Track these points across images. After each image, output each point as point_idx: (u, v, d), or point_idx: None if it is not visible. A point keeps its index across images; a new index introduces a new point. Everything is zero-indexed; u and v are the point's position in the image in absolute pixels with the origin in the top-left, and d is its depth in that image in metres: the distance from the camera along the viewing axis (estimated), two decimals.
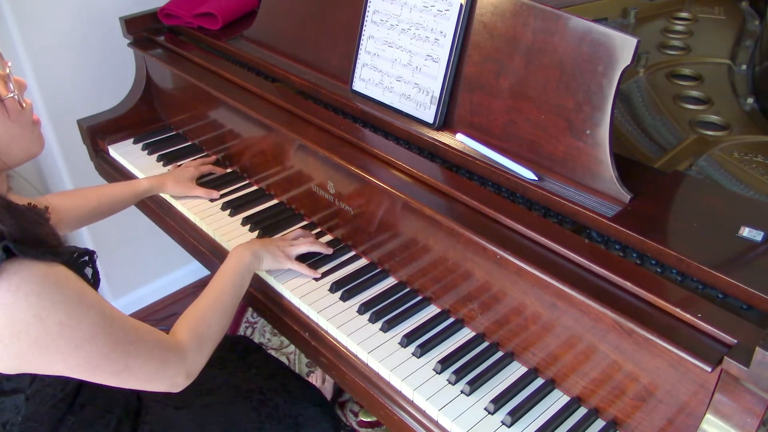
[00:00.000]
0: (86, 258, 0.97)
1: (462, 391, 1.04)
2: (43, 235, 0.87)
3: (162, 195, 1.56)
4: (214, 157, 1.65)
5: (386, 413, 1.08)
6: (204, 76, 1.55)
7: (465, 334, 1.14)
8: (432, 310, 1.19)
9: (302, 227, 1.40)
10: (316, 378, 2.02)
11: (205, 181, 1.56)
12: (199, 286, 2.48)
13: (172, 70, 1.65)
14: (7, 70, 0.90)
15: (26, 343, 0.80)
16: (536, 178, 1.09)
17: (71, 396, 0.97)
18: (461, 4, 1.16)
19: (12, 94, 0.89)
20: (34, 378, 0.89)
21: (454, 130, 1.22)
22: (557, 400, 1.03)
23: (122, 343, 0.89)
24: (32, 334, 0.80)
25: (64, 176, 2.00)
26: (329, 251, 1.31)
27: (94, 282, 0.99)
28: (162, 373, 0.95)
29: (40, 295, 0.80)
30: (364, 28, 1.31)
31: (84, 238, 2.12)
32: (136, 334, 0.93)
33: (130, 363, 0.90)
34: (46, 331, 0.81)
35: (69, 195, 1.38)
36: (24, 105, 0.92)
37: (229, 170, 1.62)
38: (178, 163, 1.64)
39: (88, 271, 0.97)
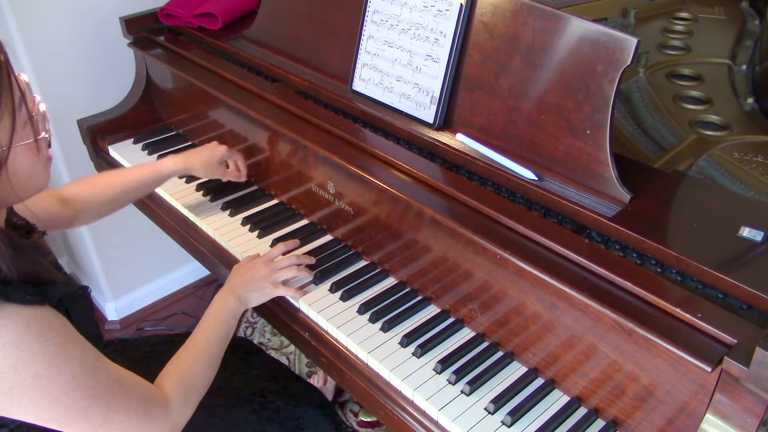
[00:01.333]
0: (79, 292, 0.92)
1: (462, 391, 1.04)
2: (39, 271, 0.83)
3: (161, 194, 1.56)
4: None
5: (386, 413, 1.08)
6: (204, 76, 1.55)
7: (465, 334, 1.14)
8: (432, 310, 1.19)
9: (302, 227, 1.40)
10: (317, 379, 2.02)
11: (202, 182, 1.56)
12: (199, 286, 2.48)
13: (172, 70, 1.65)
14: (42, 108, 0.86)
15: (0, 391, 0.78)
16: (536, 178, 1.09)
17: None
18: (461, 4, 1.16)
19: (46, 135, 0.86)
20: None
21: (454, 130, 1.22)
22: (557, 400, 1.03)
23: (103, 395, 0.85)
24: (6, 384, 0.77)
25: (64, 176, 2.00)
26: (310, 275, 1.25)
27: (86, 314, 0.94)
28: (144, 428, 0.90)
29: (18, 345, 0.77)
30: (364, 28, 1.31)
31: (84, 238, 2.12)
32: (120, 386, 0.88)
33: (110, 417, 0.86)
34: (21, 383, 0.78)
35: (89, 182, 1.30)
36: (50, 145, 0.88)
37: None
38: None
39: (83, 303, 0.93)
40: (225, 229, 1.42)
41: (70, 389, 0.81)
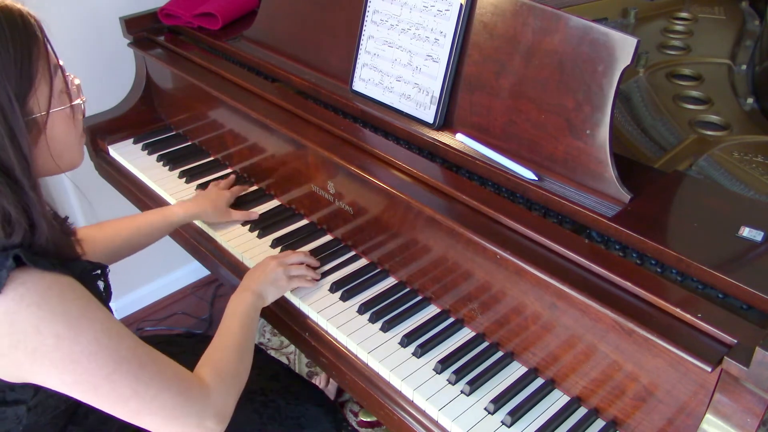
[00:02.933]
0: (98, 272, 0.95)
1: (462, 391, 1.04)
2: (63, 247, 0.86)
3: (162, 195, 1.56)
4: (233, 177, 1.55)
5: (386, 413, 1.08)
6: (204, 76, 1.55)
7: (465, 334, 1.14)
8: (432, 310, 1.19)
9: (302, 227, 1.40)
10: (320, 380, 2.01)
11: (203, 182, 1.56)
12: (199, 286, 2.48)
13: (172, 70, 1.65)
14: (77, 81, 0.92)
15: (23, 353, 0.79)
16: (536, 178, 1.09)
17: (74, 406, 0.94)
18: (461, 4, 1.16)
19: (80, 102, 0.91)
20: (37, 389, 0.86)
21: (454, 130, 1.22)
22: (557, 400, 1.03)
23: (129, 363, 0.83)
24: (29, 345, 0.78)
25: (64, 176, 1.98)
26: (317, 273, 1.26)
27: (106, 296, 0.96)
28: (184, 410, 0.87)
29: (41, 305, 0.79)
30: (364, 28, 1.31)
31: None
32: (149, 358, 0.87)
33: (140, 390, 0.84)
34: (42, 343, 0.78)
35: (98, 227, 1.28)
36: (84, 115, 0.93)
37: (229, 170, 1.62)
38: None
39: (101, 284, 0.95)
40: (225, 228, 1.42)
41: (91, 351, 0.81)
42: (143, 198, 1.61)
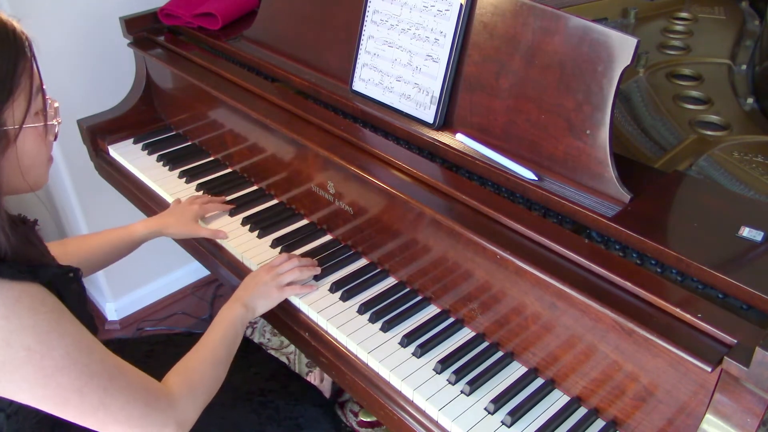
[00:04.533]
0: (71, 275, 0.93)
1: (462, 391, 1.04)
2: (32, 252, 0.85)
3: (162, 195, 1.56)
4: (223, 198, 1.50)
5: (386, 413, 1.08)
6: (204, 76, 1.55)
7: (465, 334, 1.14)
8: (432, 310, 1.19)
9: (302, 227, 1.40)
10: (314, 377, 2.02)
11: (203, 182, 1.56)
12: (199, 286, 2.48)
13: (172, 70, 1.65)
14: (56, 105, 0.94)
15: None
16: (536, 178, 1.09)
17: None
18: (461, 4, 1.16)
19: (55, 123, 0.92)
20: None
21: (454, 130, 1.22)
22: (557, 400, 1.03)
23: (99, 376, 0.83)
24: None
25: (64, 176, 2.00)
26: (313, 272, 1.25)
27: (79, 301, 0.94)
28: (147, 419, 0.88)
29: (10, 318, 0.77)
30: (364, 28, 1.31)
31: None
32: (118, 371, 0.87)
33: (107, 402, 0.84)
34: (13, 357, 0.77)
35: (59, 243, 1.26)
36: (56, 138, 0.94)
37: (229, 170, 1.62)
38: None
39: (75, 288, 0.93)
40: (225, 229, 1.41)
41: (63, 366, 0.80)
42: (143, 198, 1.61)
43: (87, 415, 0.83)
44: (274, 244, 1.36)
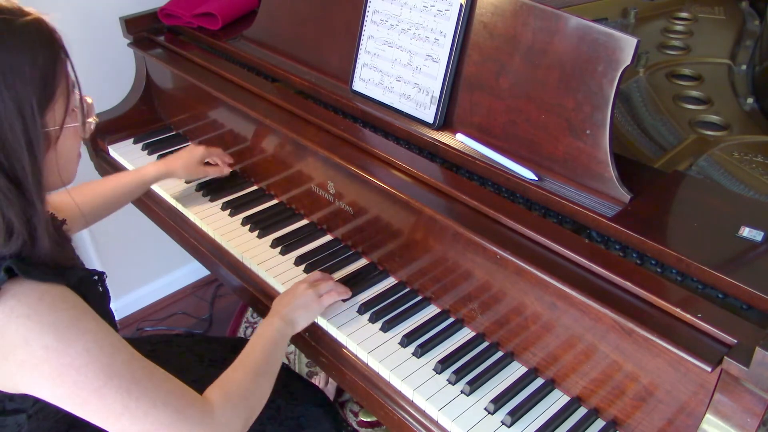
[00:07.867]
0: (96, 277, 0.93)
1: (462, 391, 1.04)
2: (64, 256, 0.85)
3: (161, 194, 1.56)
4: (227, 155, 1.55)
5: (386, 413, 1.08)
6: (204, 76, 1.55)
7: (465, 334, 1.14)
8: (432, 310, 1.19)
9: (302, 227, 1.40)
10: (319, 380, 2.01)
11: (202, 182, 1.56)
12: (199, 286, 2.48)
13: (172, 70, 1.65)
14: (90, 100, 0.95)
15: (14, 365, 0.78)
16: (536, 178, 1.09)
17: None
18: (461, 4, 1.16)
19: (92, 121, 0.94)
20: (37, 398, 0.85)
21: (454, 130, 1.22)
22: (557, 400, 1.03)
23: (121, 378, 0.80)
24: (18, 356, 0.77)
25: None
26: (348, 293, 1.21)
27: (102, 302, 0.94)
28: (179, 427, 0.83)
29: (30, 316, 0.77)
30: (364, 28, 1.31)
31: (84, 238, 2.12)
32: (145, 373, 0.83)
33: (131, 406, 0.80)
34: (32, 354, 0.77)
35: (74, 190, 1.29)
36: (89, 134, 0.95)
37: (230, 170, 1.62)
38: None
39: (99, 290, 0.94)
40: (225, 228, 1.42)
41: (81, 364, 0.78)
42: (143, 198, 1.61)
43: (110, 419, 0.81)
44: (274, 244, 1.36)
